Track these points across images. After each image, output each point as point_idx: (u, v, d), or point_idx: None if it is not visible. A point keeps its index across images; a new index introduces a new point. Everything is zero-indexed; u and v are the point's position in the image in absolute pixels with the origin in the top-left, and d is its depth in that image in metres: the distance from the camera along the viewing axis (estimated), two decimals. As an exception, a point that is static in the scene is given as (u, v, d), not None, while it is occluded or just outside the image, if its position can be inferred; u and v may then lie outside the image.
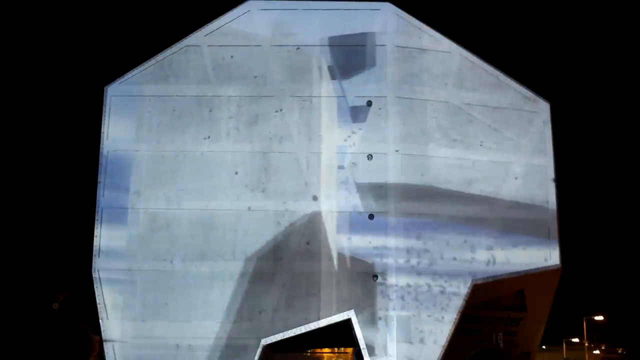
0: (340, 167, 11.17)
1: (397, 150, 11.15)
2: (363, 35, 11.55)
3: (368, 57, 11.47)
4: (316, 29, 11.57)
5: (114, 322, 10.73)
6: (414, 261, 10.84)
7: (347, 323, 10.73)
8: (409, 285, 10.77)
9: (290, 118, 11.28)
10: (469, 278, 10.87)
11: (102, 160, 11.28)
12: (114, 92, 11.48)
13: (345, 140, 11.24)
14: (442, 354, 10.58)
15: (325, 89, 11.36)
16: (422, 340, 10.61)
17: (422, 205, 11.03)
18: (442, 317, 10.71)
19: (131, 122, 11.35)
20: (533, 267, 11.08)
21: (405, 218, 10.95)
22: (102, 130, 11.38)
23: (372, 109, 11.33)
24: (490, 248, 11.04)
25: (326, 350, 13.59)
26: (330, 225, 10.97)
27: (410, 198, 11.03)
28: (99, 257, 10.93)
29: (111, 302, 10.74)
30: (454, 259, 10.93)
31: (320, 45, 11.48)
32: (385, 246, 10.86)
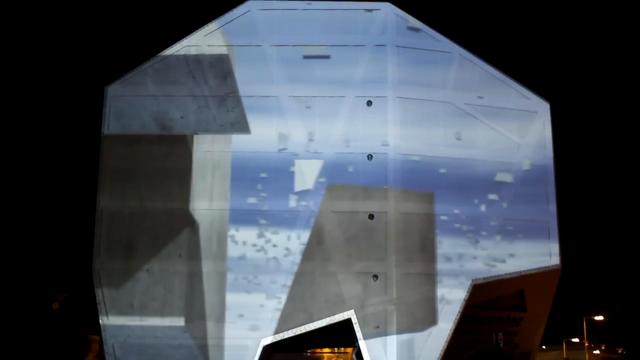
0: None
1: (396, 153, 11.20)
2: (363, 35, 11.55)
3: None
4: (317, 29, 11.58)
5: None
6: (414, 260, 10.87)
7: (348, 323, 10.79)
8: (409, 285, 10.78)
9: None
10: (469, 278, 10.88)
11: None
12: (114, 92, 11.49)
13: None
14: (442, 353, 10.59)
15: None
16: (422, 340, 10.61)
17: (423, 205, 11.06)
18: (443, 317, 10.72)
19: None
20: (533, 267, 11.09)
21: (405, 217, 10.98)
22: (102, 130, 11.41)
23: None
24: (490, 248, 11.05)
25: (326, 350, 13.59)
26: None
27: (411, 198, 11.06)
28: (99, 256, 10.98)
29: None
30: (455, 258, 10.94)
31: (320, 45, 11.49)
32: (386, 244, 10.90)
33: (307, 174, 11.07)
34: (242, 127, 11.34)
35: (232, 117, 11.37)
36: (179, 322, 10.70)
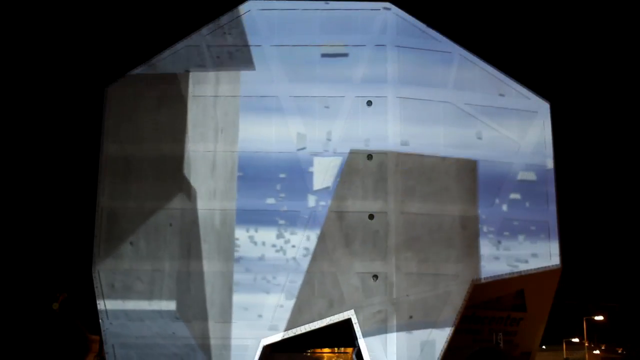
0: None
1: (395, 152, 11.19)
2: (363, 35, 11.55)
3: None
4: (316, 29, 11.57)
5: None
6: (414, 261, 10.87)
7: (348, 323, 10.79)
8: (409, 285, 10.78)
9: None
10: (469, 278, 10.88)
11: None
12: (114, 92, 11.48)
13: None
14: (442, 354, 10.60)
15: None
16: (422, 340, 10.62)
17: (423, 204, 11.06)
18: (442, 317, 10.73)
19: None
20: (533, 267, 11.10)
21: (405, 217, 10.98)
22: (102, 130, 11.40)
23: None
24: (490, 248, 11.05)
25: (326, 350, 13.61)
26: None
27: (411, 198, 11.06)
28: (99, 256, 10.97)
29: None
30: (455, 259, 10.94)
31: (320, 45, 11.49)
32: (386, 244, 10.89)
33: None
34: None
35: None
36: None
